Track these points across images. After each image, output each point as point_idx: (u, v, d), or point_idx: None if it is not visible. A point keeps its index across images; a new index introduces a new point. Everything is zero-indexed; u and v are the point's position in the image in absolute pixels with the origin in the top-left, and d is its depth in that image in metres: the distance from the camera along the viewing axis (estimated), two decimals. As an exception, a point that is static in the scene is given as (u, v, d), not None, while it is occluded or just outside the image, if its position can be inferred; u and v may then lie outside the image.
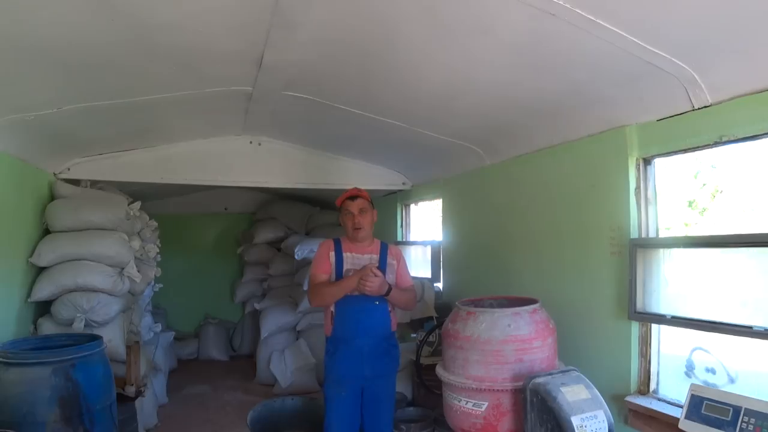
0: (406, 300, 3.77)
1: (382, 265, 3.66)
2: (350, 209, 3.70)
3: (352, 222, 3.68)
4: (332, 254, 3.71)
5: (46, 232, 4.53)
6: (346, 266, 3.66)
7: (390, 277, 3.67)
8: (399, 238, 6.64)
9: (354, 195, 3.76)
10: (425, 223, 6.62)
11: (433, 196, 5.99)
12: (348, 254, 3.69)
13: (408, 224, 6.76)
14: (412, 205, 6.69)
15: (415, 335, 5.08)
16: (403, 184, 6.26)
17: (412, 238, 6.66)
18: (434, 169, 5.57)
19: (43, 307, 4.38)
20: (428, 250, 5.86)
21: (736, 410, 2.36)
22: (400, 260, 3.83)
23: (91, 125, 4.17)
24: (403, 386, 5.09)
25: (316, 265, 3.76)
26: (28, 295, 4.18)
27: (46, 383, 3.18)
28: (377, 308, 3.61)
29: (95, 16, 2.44)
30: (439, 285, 5.58)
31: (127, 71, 3.20)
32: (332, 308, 3.65)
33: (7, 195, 3.88)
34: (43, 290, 4.21)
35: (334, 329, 3.65)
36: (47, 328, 4.24)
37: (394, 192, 6.54)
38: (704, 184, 4.22)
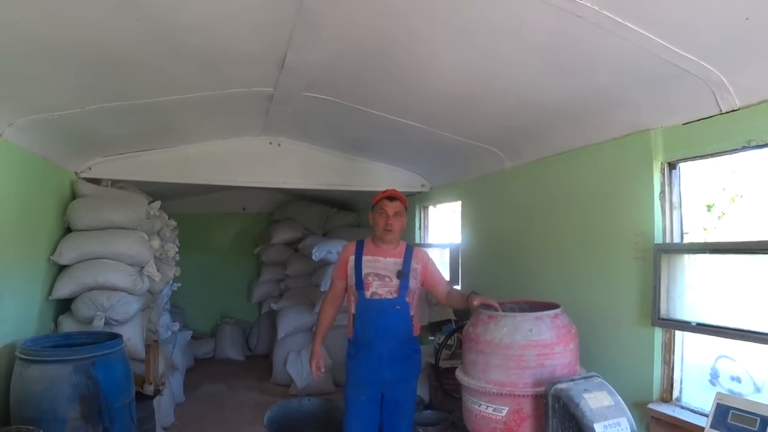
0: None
1: (406, 268, 3.60)
2: (386, 209, 3.62)
3: (384, 222, 3.60)
4: (352, 258, 3.66)
5: (68, 230, 4.57)
6: (365, 271, 3.60)
7: (413, 282, 3.61)
8: (417, 240, 6.62)
9: (393, 196, 3.68)
10: (444, 225, 6.59)
11: (452, 199, 5.97)
12: (368, 257, 3.63)
13: (426, 226, 6.74)
14: (431, 207, 6.67)
15: (433, 338, 5.06)
16: (422, 186, 6.24)
17: (430, 240, 6.63)
18: (454, 171, 5.54)
19: (64, 305, 4.41)
20: (447, 252, 5.83)
21: (764, 420, 2.32)
22: (428, 263, 3.75)
23: (113, 125, 4.19)
24: (421, 389, 5.07)
25: (334, 269, 3.82)
26: (49, 292, 4.22)
27: (67, 381, 3.21)
28: (398, 312, 3.56)
29: (120, 17, 2.46)
30: (458, 288, 5.55)
31: (150, 72, 3.22)
32: (353, 311, 3.64)
33: (30, 193, 3.92)
34: (64, 288, 4.25)
35: (355, 332, 3.63)
36: (68, 325, 4.27)
37: (412, 194, 6.51)
38: (724, 189, 4.17)
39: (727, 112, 2.72)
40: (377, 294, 3.55)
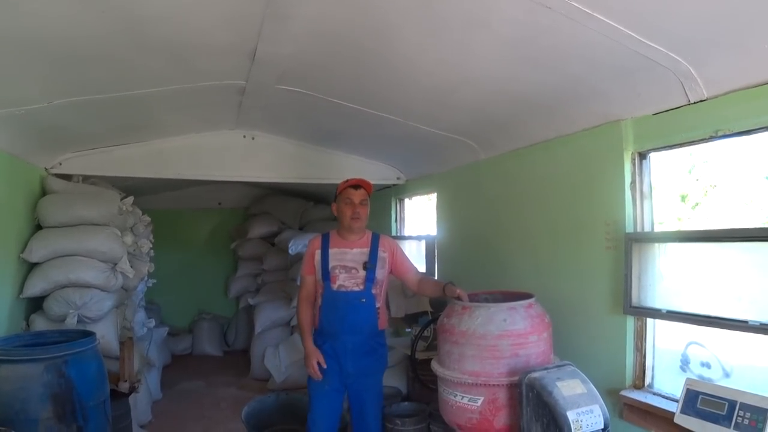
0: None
1: (372, 259, 3.58)
2: (352, 198, 3.59)
3: (351, 211, 3.57)
4: (318, 252, 3.64)
5: (38, 227, 4.50)
6: (332, 263, 3.58)
7: (380, 272, 3.60)
8: (393, 233, 6.62)
9: (358, 184, 3.64)
10: (420, 217, 6.60)
11: (427, 191, 5.98)
12: (335, 250, 3.62)
13: (402, 219, 6.75)
14: (407, 200, 6.68)
15: (409, 330, 5.08)
16: (398, 178, 6.25)
17: (406, 232, 6.65)
18: (429, 163, 5.55)
19: (36, 303, 4.35)
20: (423, 244, 5.85)
21: (732, 404, 2.36)
22: (396, 251, 3.73)
23: (83, 120, 4.13)
24: (397, 381, 5.09)
25: (302, 265, 3.78)
26: (20, 291, 4.16)
27: (39, 380, 3.16)
28: (363, 305, 3.54)
29: (86, 9, 2.42)
30: (435, 278, 5.56)
31: (119, 65, 3.17)
32: (319, 302, 3.62)
33: (-2, 190, 3.85)
34: (35, 286, 4.18)
35: (320, 323, 3.62)
36: (40, 324, 4.21)
37: (388, 186, 6.52)
38: (697, 179, 4.21)
39: (695, 103, 2.75)
40: (344, 286, 3.54)
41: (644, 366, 3.14)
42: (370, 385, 3.65)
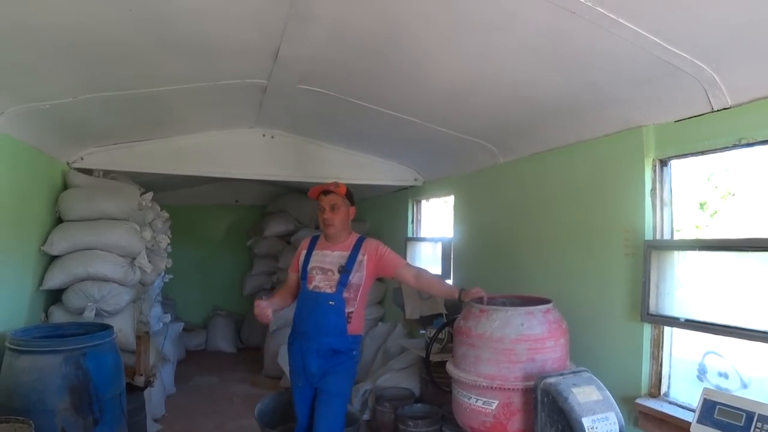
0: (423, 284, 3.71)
1: (349, 264, 3.56)
2: (322, 204, 3.65)
3: (322, 218, 3.64)
4: (304, 253, 3.72)
5: (59, 221, 4.55)
6: (311, 264, 3.64)
7: (356, 275, 3.56)
8: (409, 234, 6.63)
9: (327, 190, 3.68)
10: (436, 219, 6.60)
11: (445, 193, 5.97)
12: (317, 252, 3.67)
13: (419, 220, 6.74)
14: (424, 201, 6.67)
15: (424, 331, 5.08)
16: (415, 180, 6.24)
17: (422, 234, 6.64)
18: (447, 165, 5.55)
19: (55, 296, 4.40)
20: (439, 246, 5.84)
21: (750, 416, 2.34)
22: (378, 251, 3.65)
23: (106, 115, 4.17)
24: (411, 382, 5.10)
25: (292, 262, 3.87)
26: (40, 283, 4.21)
27: (57, 371, 3.20)
28: (332, 308, 3.52)
29: (113, 6, 2.44)
30: (450, 282, 5.56)
31: (144, 62, 3.20)
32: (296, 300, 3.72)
33: (21, 183, 3.89)
34: (54, 279, 4.23)
35: (293, 321, 3.69)
36: (58, 316, 4.26)
37: (405, 188, 6.52)
38: (716, 187, 4.18)
39: (718, 111, 2.73)
40: (318, 287, 3.58)
41: (660, 374, 3.12)
42: (329, 382, 3.56)
